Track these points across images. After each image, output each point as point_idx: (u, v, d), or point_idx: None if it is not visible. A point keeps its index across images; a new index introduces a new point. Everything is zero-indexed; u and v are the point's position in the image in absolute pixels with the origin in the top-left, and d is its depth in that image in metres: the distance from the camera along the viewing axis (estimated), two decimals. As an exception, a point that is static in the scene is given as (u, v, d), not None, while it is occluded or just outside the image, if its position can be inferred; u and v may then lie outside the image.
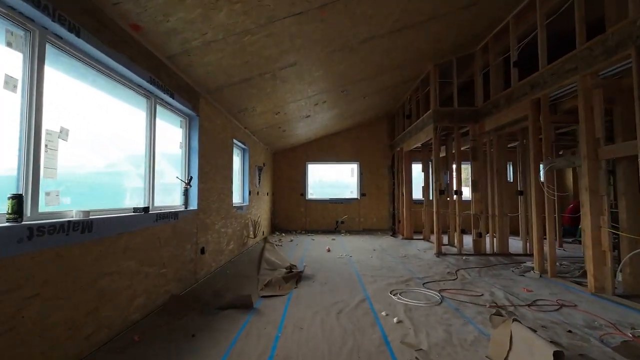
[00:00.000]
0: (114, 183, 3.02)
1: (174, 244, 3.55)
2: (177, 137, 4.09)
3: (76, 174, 2.53)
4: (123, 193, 3.10)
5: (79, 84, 2.52)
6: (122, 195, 3.07)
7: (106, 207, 2.73)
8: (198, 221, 4.21)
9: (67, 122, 2.34)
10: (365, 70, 5.64)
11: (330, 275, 4.63)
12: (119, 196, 3.03)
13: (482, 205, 6.40)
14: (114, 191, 2.99)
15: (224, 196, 5.27)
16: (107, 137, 2.87)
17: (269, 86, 4.94)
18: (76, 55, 2.38)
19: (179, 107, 3.88)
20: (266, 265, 5.11)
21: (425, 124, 6.95)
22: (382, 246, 7.43)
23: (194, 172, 4.19)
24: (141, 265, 2.90)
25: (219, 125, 5.04)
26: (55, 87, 2.24)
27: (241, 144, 6.55)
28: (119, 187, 3.07)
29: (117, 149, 3.02)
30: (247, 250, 6.60)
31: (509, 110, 5.36)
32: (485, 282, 4.32)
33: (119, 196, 3.04)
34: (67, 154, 2.37)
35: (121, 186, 3.10)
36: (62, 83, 2.35)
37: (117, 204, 2.93)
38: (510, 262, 5.61)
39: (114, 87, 2.87)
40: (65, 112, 2.36)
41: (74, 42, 2.29)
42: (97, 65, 2.59)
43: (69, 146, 2.36)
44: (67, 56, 2.34)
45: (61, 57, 2.31)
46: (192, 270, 4.02)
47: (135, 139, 3.26)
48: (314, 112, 7.17)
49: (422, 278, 4.49)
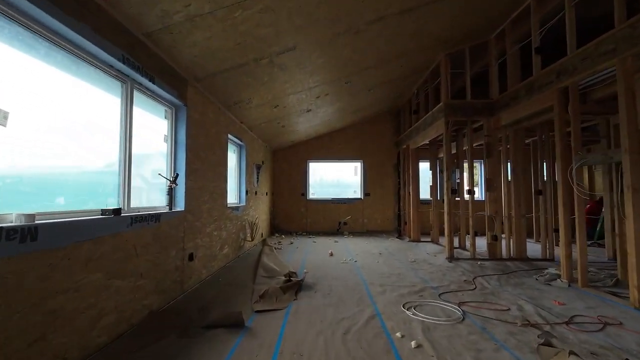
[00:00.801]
0: (81, 181, 2.55)
1: (155, 251, 3.09)
2: (161, 129, 3.63)
3: (26, 169, 2.07)
4: (94, 192, 2.64)
5: (28, 59, 2.05)
6: (93, 195, 2.61)
7: (67, 209, 2.27)
8: (185, 224, 3.75)
9: (7, 102, 1.87)
10: (371, 57, 5.16)
11: (333, 284, 4.16)
12: (89, 196, 2.57)
13: (498, 206, 5.92)
14: (82, 190, 2.53)
15: (216, 196, 4.81)
16: (70, 125, 2.40)
17: (266, 74, 4.47)
18: (21, 21, 1.92)
19: (163, 94, 3.41)
20: (263, 272, 4.64)
21: (435, 118, 6.46)
22: (389, 249, 6.95)
23: (181, 169, 3.73)
24: (110, 278, 2.43)
25: (210, 118, 4.57)
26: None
27: (237, 139, 6.09)
28: (90, 185, 2.60)
29: (83, 140, 2.55)
30: (243, 255, 6.13)
31: (529, 102, 4.87)
32: (508, 292, 3.83)
33: (90, 196, 2.57)
34: (11, 144, 1.91)
35: (92, 185, 2.63)
36: (2, 54, 1.88)
37: (84, 205, 2.46)
38: (530, 268, 5.12)
39: (76, 65, 2.40)
40: (6, 91, 1.89)
41: (19, 5, 1.83)
42: (52, 36, 2.12)
43: (13, 134, 1.90)
44: (8, 21, 1.87)
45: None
46: (177, 279, 3.55)
47: (110, 128, 2.79)
48: (316, 106, 6.70)
49: (437, 287, 4.01)
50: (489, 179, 5.93)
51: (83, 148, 2.55)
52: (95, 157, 2.65)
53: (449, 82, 6.10)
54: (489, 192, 5.93)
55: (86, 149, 2.57)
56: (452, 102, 6.00)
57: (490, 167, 5.95)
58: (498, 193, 5.97)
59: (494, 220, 5.86)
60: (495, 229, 5.85)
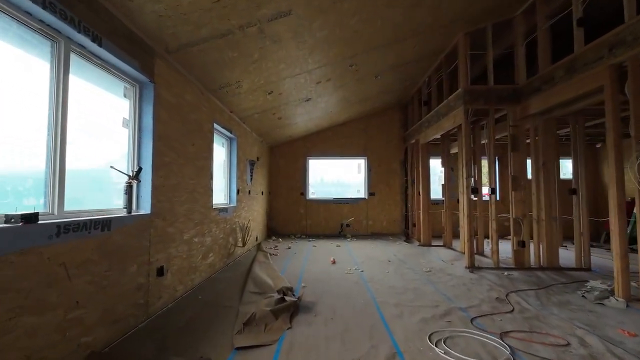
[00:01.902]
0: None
1: (102, 269, 2.33)
2: (120, 110, 2.87)
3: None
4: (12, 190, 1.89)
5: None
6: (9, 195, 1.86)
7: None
8: (153, 231, 2.99)
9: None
10: (381, 31, 4.38)
11: (337, 305, 3.39)
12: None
13: (525, 207, 5.15)
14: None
15: (198, 195, 4.05)
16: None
17: (256, 48, 3.71)
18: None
19: (118, 64, 2.64)
20: (253, 286, 3.87)
21: (452, 107, 5.69)
22: (398, 255, 6.19)
23: (146, 161, 2.97)
24: (15, 315, 1.67)
25: (189, 102, 3.81)
26: None
27: (226, 131, 5.32)
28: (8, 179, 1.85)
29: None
30: (233, 263, 5.37)
31: (569, 84, 4.10)
32: (556, 316, 3.07)
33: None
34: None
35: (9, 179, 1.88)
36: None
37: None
38: (568, 280, 4.36)
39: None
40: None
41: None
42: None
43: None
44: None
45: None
46: (140, 302, 2.79)
47: (36, 103, 2.03)
48: (316, 93, 5.93)
49: (466, 309, 3.25)
50: (514, 177, 5.16)
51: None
52: (6, 141, 1.89)
53: (469, 66, 5.33)
54: (515, 192, 5.16)
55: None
56: (472, 87, 5.23)
57: (516, 162, 5.18)
58: (525, 192, 5.20)
59: (520, 223, 5.09)
60: (522, 233, 5.08)
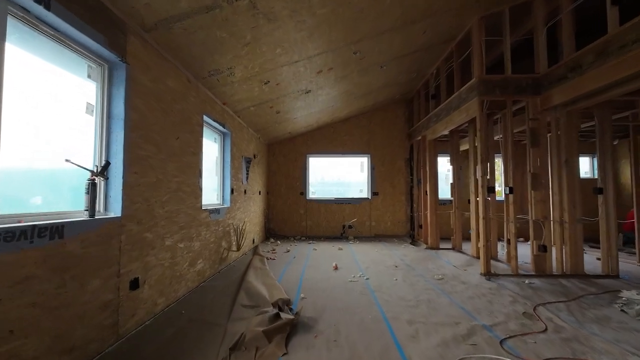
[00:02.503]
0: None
1: (51, 286, 1.88)
2: (85, 94, 2.42)
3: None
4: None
5: None
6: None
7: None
8: (124, 237, 2.54)
9: None
10: (389, 11, 3.92)
11: (342, 322, 2.94)
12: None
13: (546, 208, 4.69)
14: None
15: (184, 195, 3.60)
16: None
17: (248, 28, 3.25)
18: None
19: (78, 37, 2.19)
20: (245, 298, 3.42)
21: (464, 99, 5.23)
22: (405, 260, 5.73)
23: (117, 155, 2.52)
24: None
25: (172, 89, 3.36)
26: None
27: (219, 125, 4.87)
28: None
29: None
30: (226, 269, 4.92)
31: (601, 70, 3.64)
32: (598, 336, 2.61)
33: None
34: None
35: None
36: None
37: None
38: (598, 290, 3.90)
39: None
40: None
41: None
42: None
43: None
44: None
45: None
46: (106, 322, 2.34)
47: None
48: (317, 85, 5.48)
49: (491, 327, 2.79)
50: (534, 174, 4.70)
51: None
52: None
53: (484, 53, 4.87)
54: (535, 191, 4.70)
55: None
56: (488, 77, 4.77)
57: (536, 159, 4.72)
58: (546, 192, 4.74)
59: (542, 225, 4.63)
60: (543, 237, 4.62)
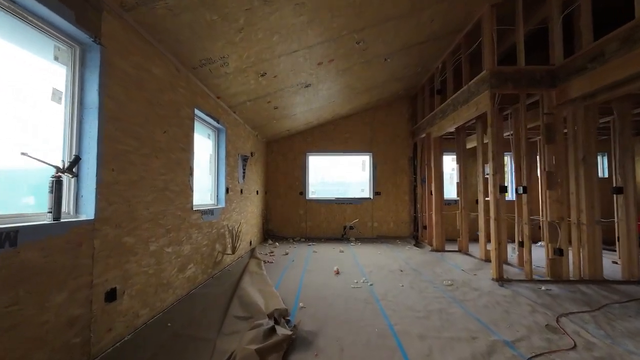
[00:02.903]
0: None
1: (1, 303, 1.57)
2: (51, 80, 2.11)
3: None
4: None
5: None
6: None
7: None
8: (99, 242, 2.23)
9: None
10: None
11: (345, 337, 2.63)
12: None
13: (562, 209, 4.38)
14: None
15: (172, 195, 3.29)
16: None
17: (241, 10, 2.94)
18: None
19: (40, 11, 1.88)
20: (239, 308, 3.11)
21: (473, 94, 4.92)
22: (410, 263, 5.42)
23: (90, 149, 2.21)
24: None
25: (158, 78, 3.05)
26: None
27: (212, 120, 4.56)
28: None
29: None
30: (220, 274, 4.61)
31: (628, 58, 3.34)
32: (635, 354, 2.31)
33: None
34: None
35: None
36: None
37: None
38: (621, 297, 3.60)
39: None
40: None
41: None
42: None
43: None
44: None
45: None
46: (75, 341, 2.03)
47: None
48: (317, 78, 5.17)
49: (513, 343, 2.48)
50: (549, 173, 4.40)
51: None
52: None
53: (495, 44, 4.57)
54: (550, 191, 4.40)
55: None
56: (499, 69, 4.46)
57: (551, 156, 4.42)
58: (563, 191, 4.44)
59: (557, 227, 4.33)
60: (559, 239, 4.32)
